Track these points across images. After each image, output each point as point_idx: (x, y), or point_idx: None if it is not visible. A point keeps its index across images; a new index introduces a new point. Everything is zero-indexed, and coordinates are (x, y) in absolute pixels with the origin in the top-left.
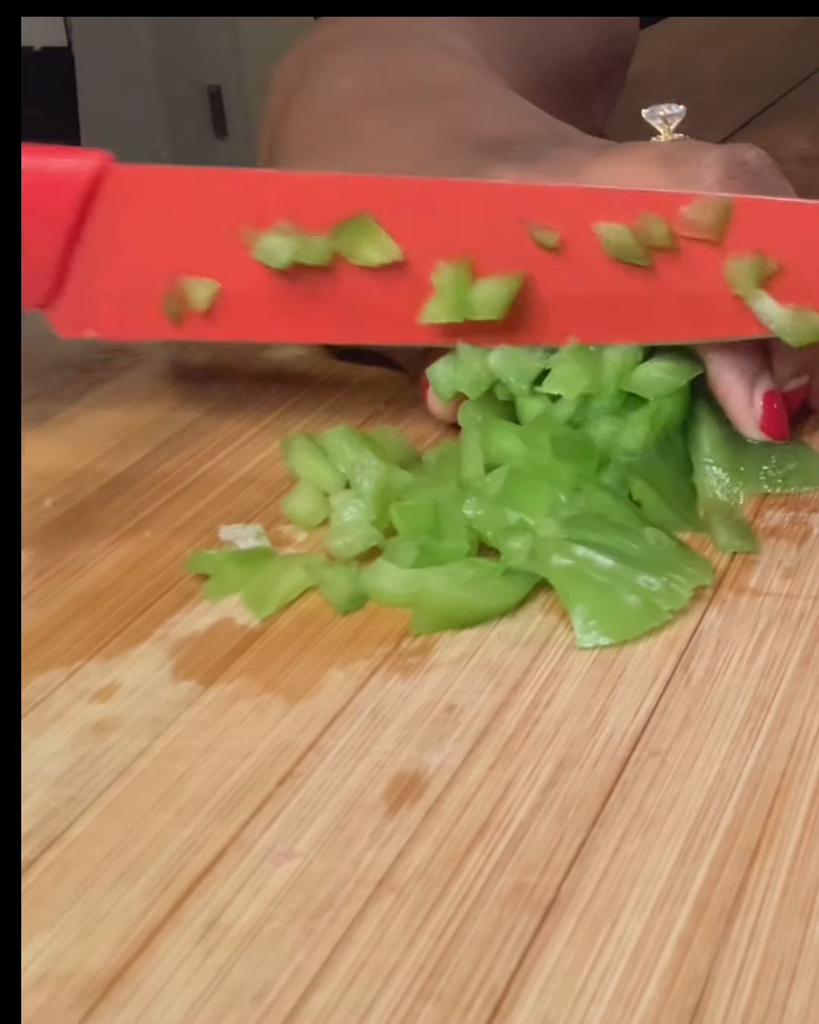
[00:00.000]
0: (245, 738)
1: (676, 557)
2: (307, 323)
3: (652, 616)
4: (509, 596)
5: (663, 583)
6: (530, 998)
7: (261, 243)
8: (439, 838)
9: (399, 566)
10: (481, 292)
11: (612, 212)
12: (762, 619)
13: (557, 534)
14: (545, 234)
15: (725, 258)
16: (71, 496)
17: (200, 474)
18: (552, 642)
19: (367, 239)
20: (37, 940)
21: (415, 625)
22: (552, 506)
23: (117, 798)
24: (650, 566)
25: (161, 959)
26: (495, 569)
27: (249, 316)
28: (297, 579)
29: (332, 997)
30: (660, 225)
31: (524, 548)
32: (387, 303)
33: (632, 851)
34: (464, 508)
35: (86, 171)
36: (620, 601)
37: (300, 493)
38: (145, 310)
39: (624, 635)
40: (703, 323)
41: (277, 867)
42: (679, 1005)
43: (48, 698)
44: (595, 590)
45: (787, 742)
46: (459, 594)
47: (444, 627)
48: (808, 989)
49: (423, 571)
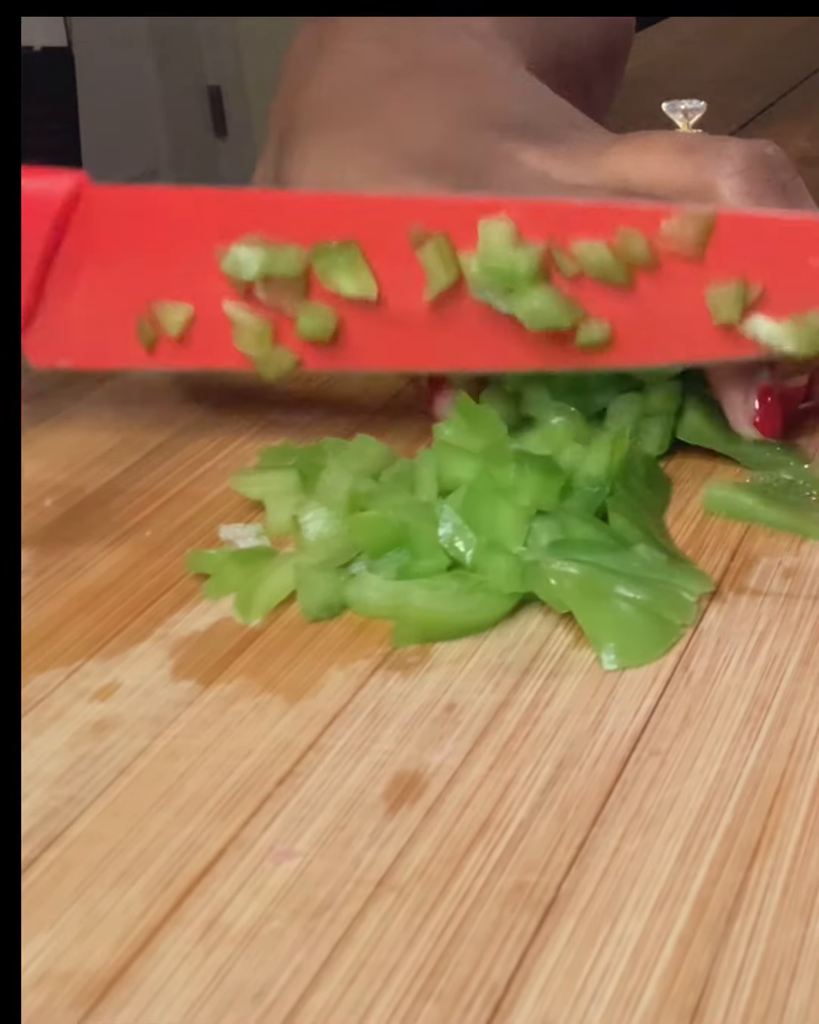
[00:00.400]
0: (245, 737)
1: (674, 569)
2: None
3: (669, 633)
4: (494, 610)
5: (670, 597)
6: (530, 998)
7: (230, 255)
8: (439, 838)
9: (382, 579)
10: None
11: (591, 227)
12: (762, 619)
13: (548, 556)
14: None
15: (707, 279)
16: (71, 496)
17: (200, 474)
18: (552, 642)
19: (347, 269)
20: (37, 940)
21: (397, 638)
22: (515, 527)
23: (117, 797)
24: (653, 582)
25: (161, 959)
26: (481, 583)
27: (227, 343)
28: (284, 581)
29: (332, 997)
30: (639, 241)
31: (508, 568)
32: (364, 330)
33: (632, 851)
34: (439, 528)
35: (60, 193)
36: (638, 624)
37: (269, 511)
38: (119, 337)
39: (648, 659)
40: (687, 346)
41: (277, 866)
42: (679, 1005)
43: (48, 697)
44: (610, 615)
45: (787, 742)
46: (441, 608)
47: (426, 640)
48: (808, 988)
49: (406, 584)
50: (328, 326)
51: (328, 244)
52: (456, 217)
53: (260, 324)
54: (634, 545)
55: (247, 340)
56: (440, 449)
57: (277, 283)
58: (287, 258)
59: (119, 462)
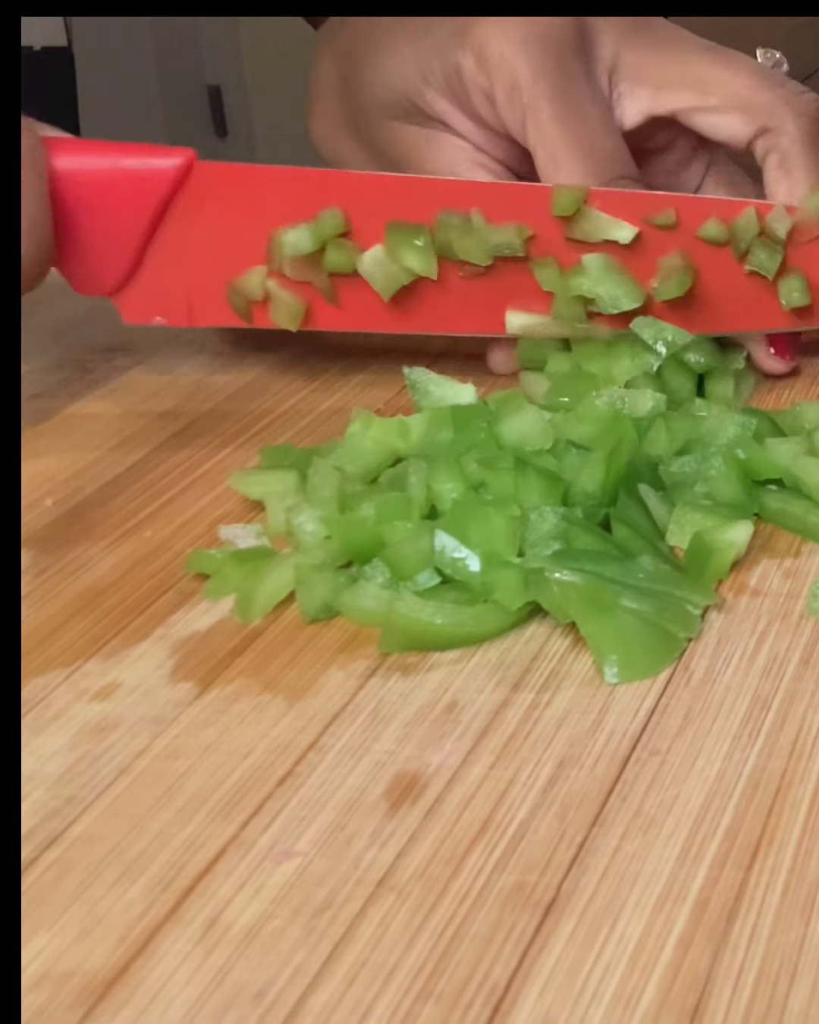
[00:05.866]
0: (245, 737)
1: (677, 581)
2: (351, 314)
3: (673, 646)
4: (487, 625)
5: (674, 609)
6: (530, 997)
7: (283, 237)
8: (439, 837)
9: (377, 586)
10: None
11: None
12: (762, 619)
13: (551, 565)
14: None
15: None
16: (71, 496)
17: (200, 474)
18: (552, 641)
19: (417, 249)
20: (37, 940)
21: (383, 644)
22: (508, 537)
23: (117, 797)
24: (657, 594)
25: (161, 959)
26: (479, 595)
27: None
28: (284, 581)
29: (332, 996)
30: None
31: (515, 583)
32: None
33: (632, 851)
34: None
35: (170, 169)
36: (641, 637)
37: (269, 511)
38: (213, 299)
39: (650, 672)
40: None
41: (277, 866)
42: (679, 1005)
43: (48, 697)
44: (614, 627)
45: (787, 742)
46: (429, 619)
47: (413, 649)
48: (808, 989)
49: (401, 593)
50: (351, 260)
51: (403, 224)
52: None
53: (297, 302)
54: (638, 556)
55: (281, 315)
56: (432, 465)
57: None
58: (345, 251)
59: (119, 462)
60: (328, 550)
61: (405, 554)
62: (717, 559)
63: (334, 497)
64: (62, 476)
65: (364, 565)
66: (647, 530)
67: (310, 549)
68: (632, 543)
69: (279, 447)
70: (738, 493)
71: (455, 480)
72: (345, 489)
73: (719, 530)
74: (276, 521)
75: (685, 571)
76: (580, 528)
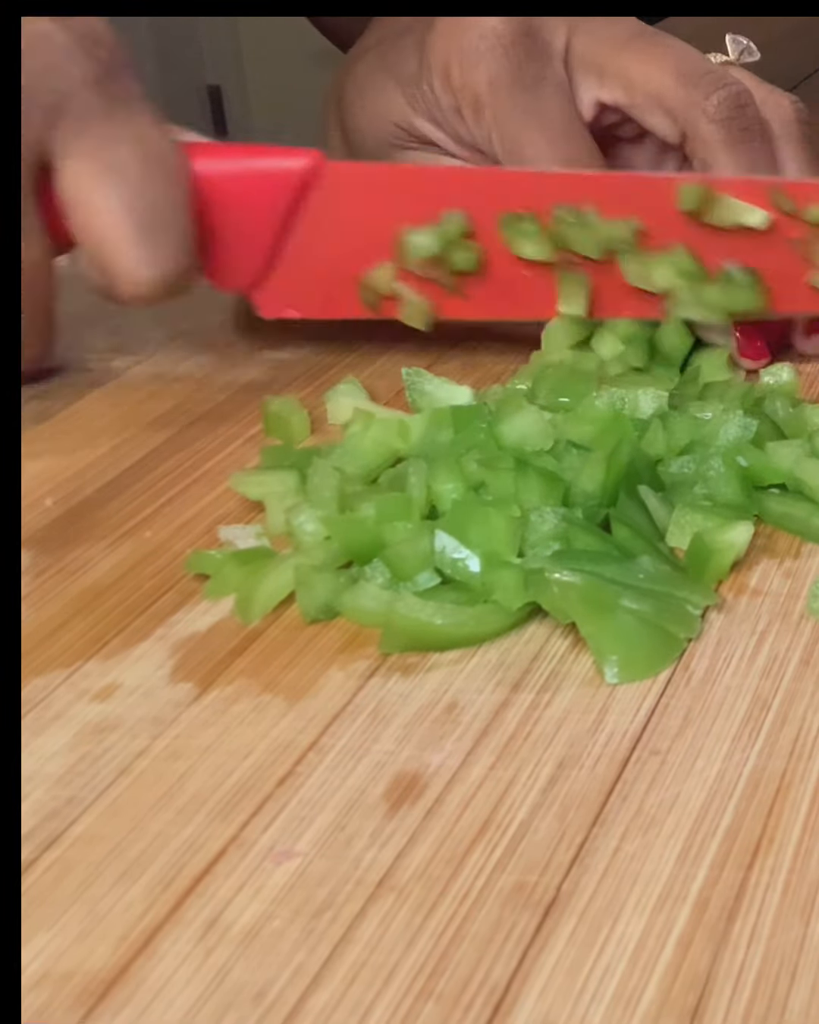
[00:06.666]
0: (245, 738)
1: (678, 581)
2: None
3: (673, 647)
4: (487, 625)
5: (674, 610)
6: (530, 998)
7: (409, 240)
8: (439, 838)
9: (376, 587)
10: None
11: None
12: (762, 619)
13: (551, 565)
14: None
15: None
16: (71, 496)
17: (200, 474)
18: (552, 642)
19: (531, 236)
20: (37, 940)
21: (383, 644)
22: (509, 537)
23: (117, 798)
24: (657, 594)
25: (161, 959)
26: (479, 596)
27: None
28: (284, 582)
29: (332, 997)
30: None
31: (515, 583)
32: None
33: (632, 851)
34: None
35: (300, 168)
36: (642, 637)
37: (269, 511)
38: (344, 293)
39: (650, 673)
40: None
41: (277, 867)
42: (679, 1005)
43: (48, 698)
44: (614, 627)
45: (787, 742)
46: (429, 619)
47: (413, 649)
48: (808, 989)
49: (401, 594)
50: (474, 259)
51: (517, 215)
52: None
53: (425, 302)
54: (638, 556)
55: (411, 315)
56: (432, 465)
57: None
58: (468, 251)
59: (119, 462)
60: (328, 550)
61: (405, 554)
62: (717, 560)
63: (334, 497)
64: (62, 476)
65: (364, 565)
66: (647, 531)
67: (310, 549)
68: (632, 544)
69: (278, 448)
70: (738, 494)
71: (455, 480)
72: (345, 489)
73: (719, 531)
74: (276, 521)
75: (685, 572)
76: (580, 528)
